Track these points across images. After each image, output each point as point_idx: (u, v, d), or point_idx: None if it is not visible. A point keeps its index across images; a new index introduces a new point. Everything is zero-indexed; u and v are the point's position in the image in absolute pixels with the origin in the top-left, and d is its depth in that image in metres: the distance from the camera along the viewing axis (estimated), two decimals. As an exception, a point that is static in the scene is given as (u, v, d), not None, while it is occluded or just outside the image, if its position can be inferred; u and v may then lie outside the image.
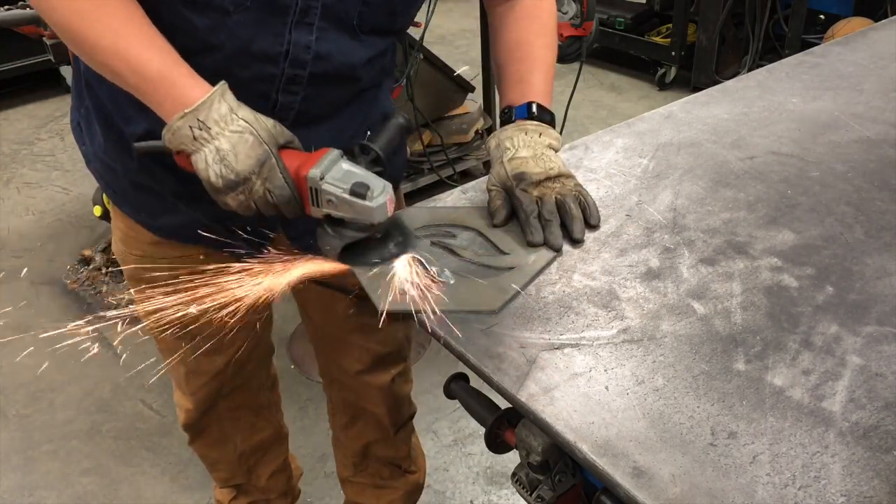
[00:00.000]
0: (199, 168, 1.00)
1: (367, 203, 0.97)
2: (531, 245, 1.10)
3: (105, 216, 2.90)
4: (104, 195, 2.85)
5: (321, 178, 0.99)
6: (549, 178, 1.15)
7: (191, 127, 0.97)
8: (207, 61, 1.04)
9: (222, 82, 1.00)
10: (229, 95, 1.00)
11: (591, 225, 1.14)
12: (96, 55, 1.00)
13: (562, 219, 1.13)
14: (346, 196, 0.98)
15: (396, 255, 1.04)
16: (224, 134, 0.98)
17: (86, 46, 1.00)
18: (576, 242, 1.11)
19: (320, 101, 1.18)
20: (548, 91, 1.25)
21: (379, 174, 1.01)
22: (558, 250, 1.10)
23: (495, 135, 1.22)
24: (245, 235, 1.22)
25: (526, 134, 1.18)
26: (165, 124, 1.14)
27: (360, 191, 0.97)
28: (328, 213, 1.01)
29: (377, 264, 1.04)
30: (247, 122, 0.99)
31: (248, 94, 1.03)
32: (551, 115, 1.23)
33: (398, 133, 1.09)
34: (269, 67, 1.10)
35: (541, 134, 1.19)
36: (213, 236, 1.22)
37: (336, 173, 0.99)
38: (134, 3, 1.00)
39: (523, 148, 1.17)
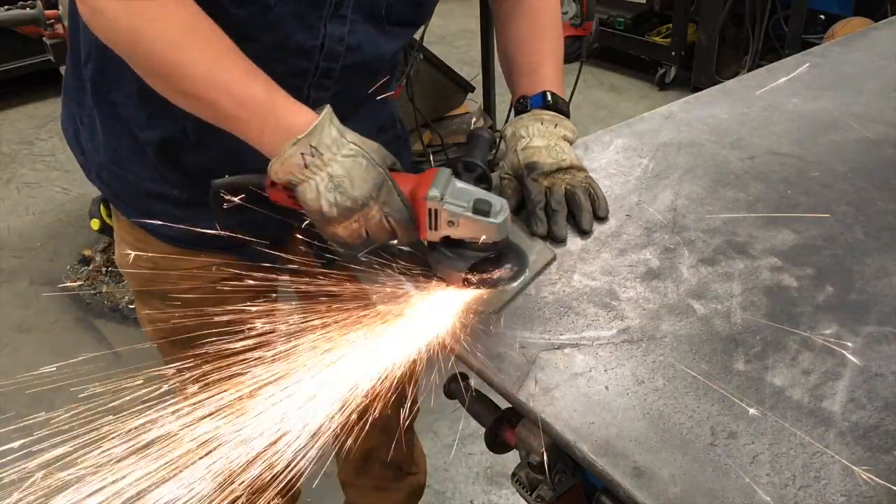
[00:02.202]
0: (307, 199, 0.92)
1: (491, 220, 0.93)
2: (535, 235, 1.10)
3: (103, 230, 2.86)
4: (102, 207, 2.81)
5: (441, 198, 0.93)
6: (560, 170, 1.15)
7: (302, 154, 0.90)
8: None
9: (327, 106, 0.94)
10: (335, 118, 0.94)
11: (600, 217, 1.14)
12: (186, 84, 0.94)
13: (570, 209, 1.13)
14: (470, 214, 0.92)
15: (517, 274, 1.00)
16: (336, 159, 0.91)
17: (175, 76, 0.94)
18: (584, 233, 1.12)
19: (347, 98, 1.17)
20: (560, 82, 1.26)
21: (486, 189, 0.98)
22: (562, 241, 1.10)
23: (511, 123, 1.22)
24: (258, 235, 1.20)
25: (542, 124, 1.18)
26: (181, 130, 1.11)
27: (483, 208, 0.92)
28: (447, 234, 0.95)
29: (503, 285, 0.99)
30: (357, 144, 0.94)
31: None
32: (566, 104, 1.24)
33: (489, 148, 1.06)
34: (303, 62, 1.08)
35: (556, 125, 1.19)
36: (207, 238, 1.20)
37: (453, 192, 0.94)
38: (220, 30, 0.95)
39: (537, 137, 1.17)
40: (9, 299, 3.05)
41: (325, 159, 0.91)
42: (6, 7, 2.70)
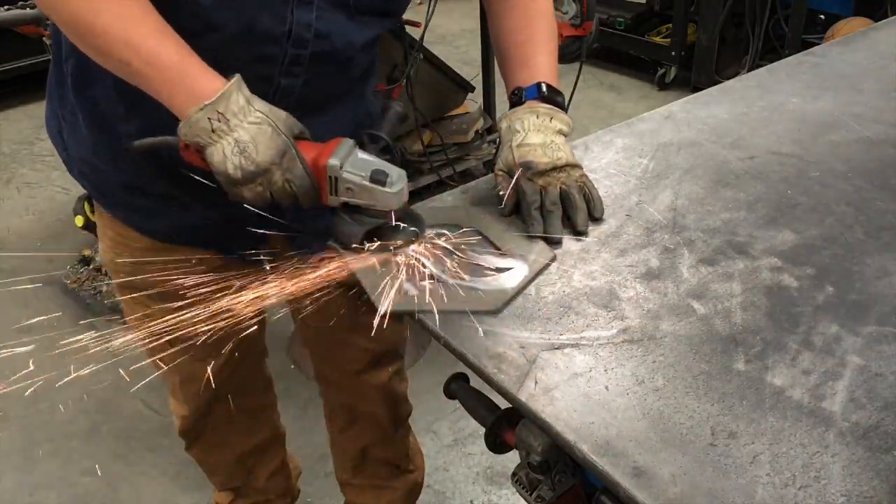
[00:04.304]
0: (214, 161, 0.98)
1: (387, 189, 1.00)
2: (531, 236, 1.10)
3: (87, 226, 2.85)
4: (86, 203, 2.81)
5: (341, 167, 1.00)
6: (555, 168, 1.15)
7: (209, 119, 0.96)
8: (210, 42, 1.03)
9: (237, 75, 0.99)
10: (244, 87, 1.00)
11: (595, 217, 1.14)
12: (104, 46, 0.98)
13: (566, 210, 1.13)
14: (367, 183, 1.00)
15: (411, 242, 1.06)
16: (243, 126, 0.97)
17: (92, 37, 0.98)
18: (579, 234, 1.12)
19: (319, 88, 1.17)
20: (554, 73, 1.25)
21: (388, 161, 1.04)
22: (557, 242, 1.10)
23: (506, 115, 1.21)
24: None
25: (537, 117, 1.18)
26: (158, 123, 1.12)
27: (379, 178, 1.00)
28: (346, 200, 1.03)
29: (389, 250, 1.06)
30: (263, 113, 0.99)
31: (250, 77, 1.02)
32: (562, 95, 1.23)
33: (398, 121, 1.13)
34: (271, 48, 1.09)
35: (552, 118, 1.18)
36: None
37: (353, 162, 1.01)
38: None
39: (533, 133, 1.16)
40: (9, 299, 3.05)
41: (232, 125, 0.97)
42: (6, 7, 2.69)
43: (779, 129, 1.41)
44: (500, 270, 1.05)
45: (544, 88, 1.21)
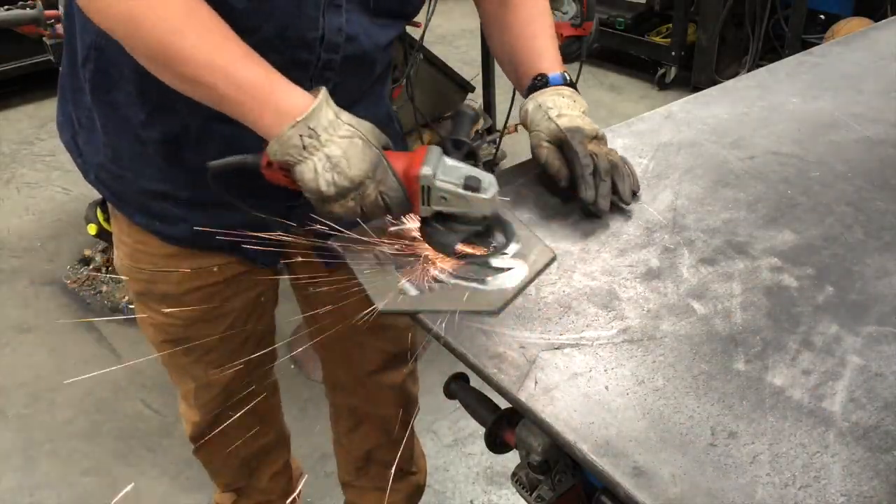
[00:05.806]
0: (305, 178, 0.95)
1: (482, 195, 0.98)
2: (584, 201, 1.12)
3: (100, 234, 2.84)
4: (99, 211, 2.79)
5: (434, 176, 0.98)
6: (598, 138, 1.17)
7: (301, 135, 0.94)
8: None
9: (323, 88, 0.98)
10: (331, 100, 0.98)
11: (634, 192, 1.17)
12: (185, 69, 0.95)
13: (613, 180, 1.14)
14: (461, 191, 0.98)
15: (505, 246, 1.06)
16: (333, 140, 0.95)
17: (175, 60, 0.95)
18: (624, 204, 1.15)
19: (346, 91, 1.17)
20: (562, 67, 1.27)
21: (473, 166, 1.02)
22: (600, 216, 1.13)
23: (533, 98, 1.22)
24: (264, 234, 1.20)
25: (563, 98, 1.20)
26: (182, 127, 1.11)
27: (473, 184, 0.98)
28: (439, 210, 1.00)
29: (491, 255, 1.05)
30: (352, 126, 0.97)
31: None
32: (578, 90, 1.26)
33: (472, 124, 1.11)
34: (304, 53, 1.08)
35: (576, 101, 1.21)
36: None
37: (444, 169, 0.99)
38: (216, 14, 0.96)
39: (566, 109, 1.18)
40: (9, 299, 3.05)
41: (323, 140, 0.94)
42: (6, 7, 2.69)
43: (779, 129, 1.41)
44: (500, 270, 1.05)
45: (568, 78, 1.24)
